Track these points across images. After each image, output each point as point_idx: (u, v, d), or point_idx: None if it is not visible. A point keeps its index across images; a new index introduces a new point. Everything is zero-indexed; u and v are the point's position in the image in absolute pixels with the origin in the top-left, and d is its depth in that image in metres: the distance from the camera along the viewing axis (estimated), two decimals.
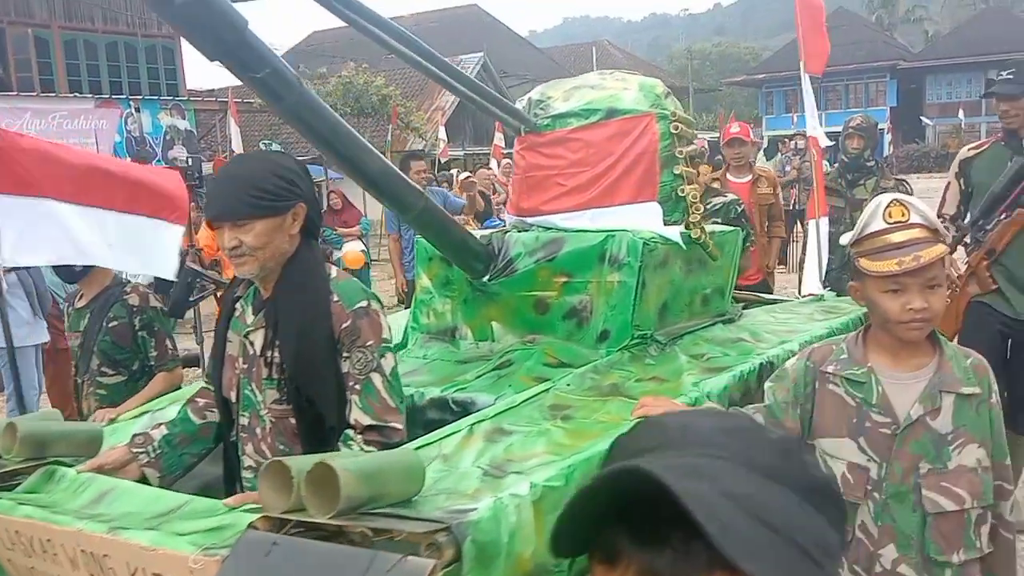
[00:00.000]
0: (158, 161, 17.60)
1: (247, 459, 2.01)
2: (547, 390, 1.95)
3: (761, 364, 2.18)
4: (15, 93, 16.46)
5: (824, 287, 5.09)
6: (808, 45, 4.61)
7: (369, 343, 1.87)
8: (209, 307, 5.92)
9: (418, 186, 2.09)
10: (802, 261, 4.83)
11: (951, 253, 3.78)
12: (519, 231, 2.48)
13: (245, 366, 1.99)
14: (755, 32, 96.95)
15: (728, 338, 2.50)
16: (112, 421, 2.34)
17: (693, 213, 2.45)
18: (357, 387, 1.86)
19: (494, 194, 13.85)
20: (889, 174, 4.99)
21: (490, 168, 15.73)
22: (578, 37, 58.54)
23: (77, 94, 17.18)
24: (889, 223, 1.76)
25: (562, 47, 43.98)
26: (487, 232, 2.47)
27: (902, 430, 1.79)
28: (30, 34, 17.73)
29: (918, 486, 1.78)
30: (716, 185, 5.61)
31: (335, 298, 1.89)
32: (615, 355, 2.22)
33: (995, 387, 1.86)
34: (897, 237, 1.75)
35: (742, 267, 4.00)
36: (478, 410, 1.96)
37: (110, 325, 3.21)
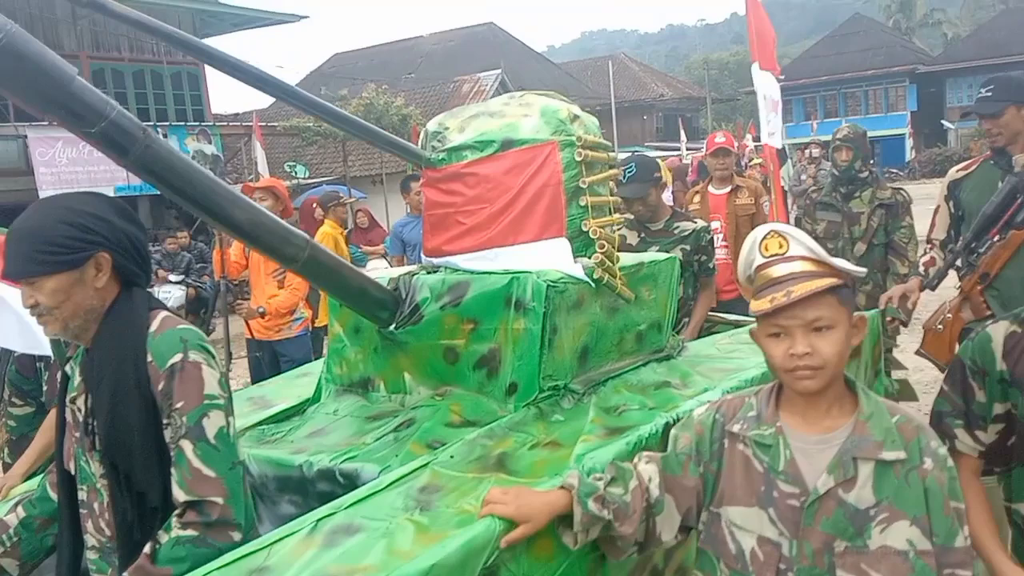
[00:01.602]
0: None
1: (90, 538, 1.78)
2: (425, 465, 1.75)
3: (667, 424, 1.91)
4: (47, 123, 16.70)
5: None
6: (760, 45, 4.49)
7: (179, 405, 1.61)
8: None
9: (303, 234, 1.86)
10: None
11: (933, 281, 3.60)
12: (428, 273, 2.29)
13: (78, 435, 1.76)
14: None
15: (655, 382, 2.28)
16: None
17: (599, 250, 2.20)
18: (173, 458, 1.62)
19: None
20: (885, 183, 4.77)
21: None
22: (596, 51, 58.31)
23: None
24: (767, 256, 1.54)
25: (579, 61, 43.90)
26: (397, 273, 2.30)
27: (809, 504, 1.52)
28: None
29: (832, 565, 1.50)
30: (697, 199, 5.46)
31: (149, 358, 1.65)
32: (520, 412, 2.02)
33: (936, 450, 1.54)
34: (776, 271, 1.52)
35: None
36: (363, 483, 1.78)
37: (15, 354, 3.08)
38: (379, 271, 2.61)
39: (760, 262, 1.55)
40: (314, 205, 8.48)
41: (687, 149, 24.54)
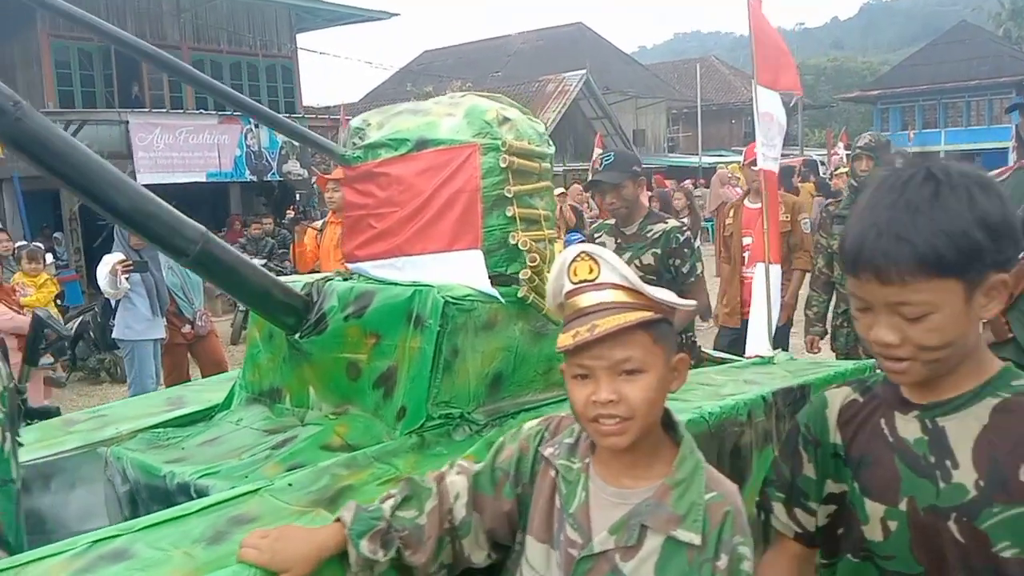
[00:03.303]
0: (273, 174, 18.22)
1: None
2: (257, 491, 1.53)
3: None
4: (148, 110, 17.36)
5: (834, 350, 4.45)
6: (762, 59, 4.09)
7: None
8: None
9: (199, 226, 1.69)
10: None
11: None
12: (343, 279, 2.10)
13: None
14: (876, 46, 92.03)
15: None
16: None
17: (529, 264, 1.95)
18: None
19: (588, 210, 13.58)
20: None
21: (583, 184, 15.51)
22: (688, 52, 57.03)
23: (203, 111, 17.92)
24: (575, 283, 1.28)
25: (668, 63, 42.94)
26: (313, 278, 2.10)
27: (580, 559, 1.29)
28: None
29: None
30: (731, 214, 5.09)
31: None
32: (398, 441, 1.77)
33: (737, 547, 1.26)
34: (583, 300, 1.27)
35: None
36: None
37: None
38: None
39: (568, 288, 1.30)
40: None
41: (915, 155, 23.52)
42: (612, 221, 3.53)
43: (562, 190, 14.05)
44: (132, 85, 18.17)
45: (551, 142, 2.17)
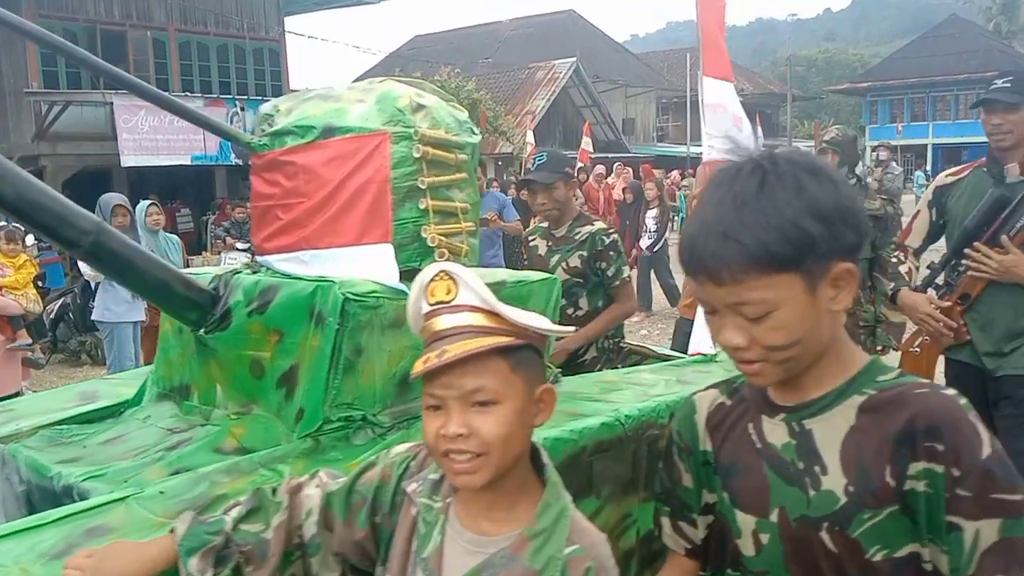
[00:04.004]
0: None
1: None
2: (124, 498, 1.42)
3: None
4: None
5: None
6: (709, 49, 4.00)
7: None
8: None
9: (93, 217, 1.57)
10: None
11: (923, 287, 3.14)
12: (252, 272, 1.97)
13: None
14: (867, 38, 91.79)
15: None
16: None
17: (438, 260, 1.83)
18: None
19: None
20: (875, 193, 4.19)
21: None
22: (681, 41, 56.75)
23: (188, 93, 17.71)
24: (431, 304, 1.16)
25: (659, 52, 42.72)
26: (223, 270, 1.99)
27: None
28: (149, 36, 18.48)
29: None
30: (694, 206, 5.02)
31: None
32: (292, 445, 1.65)
33: None
34: (439, 324, 1.14)
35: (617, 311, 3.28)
36: None
37: None
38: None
39: (425, 310, 1.17)
40: None
41: (764, 145, 23.49)
42: (546, 224, 3.45)
43: None
44: (118, 66, 17.94)
45: (475, 131, 2.06)
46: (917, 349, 3.23)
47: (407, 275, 1.77)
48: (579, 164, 17.44)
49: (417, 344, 1.82)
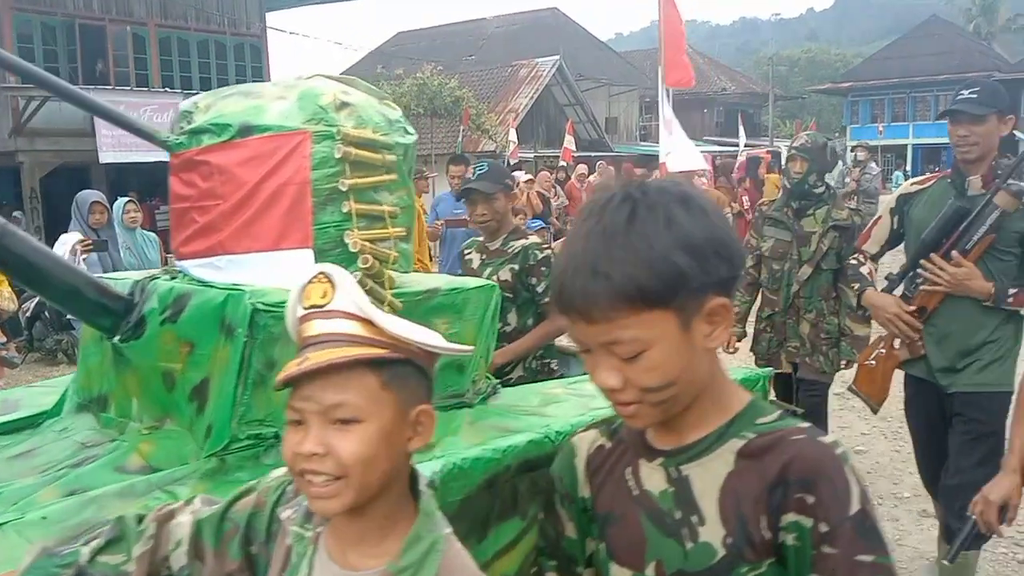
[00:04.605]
0: None
1: None
2: (3, 524, 1.30)
3: None
4: (112, 87, 16.90)
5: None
6: (669, 57, 3.92)
7: None
8: None
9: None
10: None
11: (891, 288, 3.07)
12: (170, 278, 1.87)
13: None
14: (849, 38, 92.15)
15: None
16: None
17: (362, 266, 1.72)
18: None
19: (555, 196, 13.44)
20: (843, 202, 4.10)
21: (552, 171, 15.36)
22: None
23: (168, 89, 17.48)
24: (305, 308, 1.05)
25: (642, 51, 42.60)
26: (142, 275, 1.88)
27: None
28: (128, 31, 18.24)
29: None
30: None
31: None
32: (195, 465, 1.54)
33: None
34: (311, 329, 1.04)
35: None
36: None
37: None
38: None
39: (299, 314, 1.07)
40: None
41: (744, 145, 23.53)
42: (482, 238, 3.36)
43: (529, 176, 13.93)
44: (96, 62, 17.69)
45: (409, 130, 1.96)
46: (873, 362, 3.16)
47: None
48: (562, 163, 17.42)
49: None
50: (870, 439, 5.27)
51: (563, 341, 3.23)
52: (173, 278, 1.85)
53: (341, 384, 1.00)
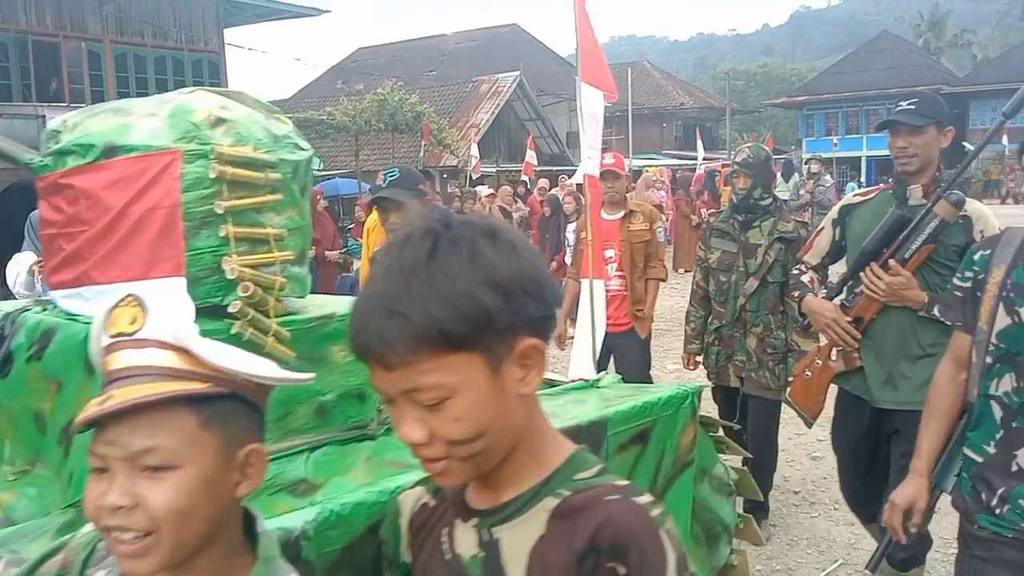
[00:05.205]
0: None
1: None
2: None
3: None
4: (67, 104, 16.53)
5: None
6: (586, 55, 3.85)
7: None
8: None
9: None
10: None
11: (831, 294, 3.00)
12: (42, 310, 1.72)
13: None
14: (803, 53, 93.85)
15: (295, 478, 1.52)
16: None
17: (242, 294, 1.59)
18: None
19: (517, 209, 13.36)
20: (788, 215, 4.06)
21: (514, 185, 15.31)
22: (624, 56, 57.26)
23: None
24: (112, 336, 0.93)
25: None
26: (13, 306, 1.74)
27: None
28: (84, 48, 17.91)
29: None
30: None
31: None
32: (47, 518, 1.39)
33: None
34: (117, 361, 0.91)
35: None
36: None
37: None
38: None
39: (105, 343, 0.94)
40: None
41: (703, 159, 23.70)
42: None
43: (491, 191, 13.84)
44: (51, 79, 17.32)
45: (300, 146, 1.83)
46: (808, 374, 3.09)
47: (205, 312, 1.53)
48: (524, 177, 17.38)
49: None
50: (826, 446, 5.22)
51: None
52: (44, 309, 1.70)
53: (152, 426, 0.87)
